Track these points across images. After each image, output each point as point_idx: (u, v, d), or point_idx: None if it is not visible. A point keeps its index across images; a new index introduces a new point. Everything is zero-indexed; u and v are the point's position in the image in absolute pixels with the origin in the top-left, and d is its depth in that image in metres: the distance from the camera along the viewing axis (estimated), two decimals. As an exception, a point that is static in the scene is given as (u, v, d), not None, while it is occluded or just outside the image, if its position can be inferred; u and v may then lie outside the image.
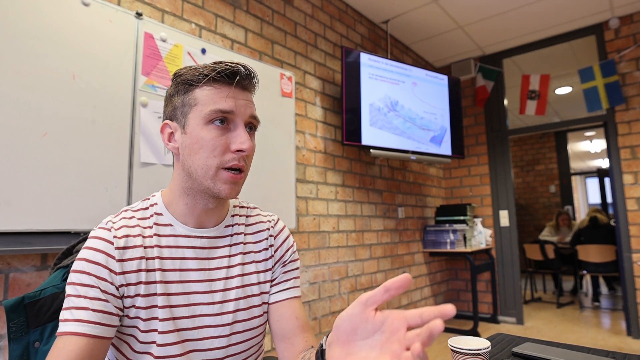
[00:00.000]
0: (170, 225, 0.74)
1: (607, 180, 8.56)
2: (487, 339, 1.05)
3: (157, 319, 0.68)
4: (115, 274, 0.66)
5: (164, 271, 0.71)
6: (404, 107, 3.13)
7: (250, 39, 2.31)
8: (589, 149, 8.39)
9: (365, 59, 2.90)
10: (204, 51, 1.96)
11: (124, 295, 0.67)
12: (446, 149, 3.44)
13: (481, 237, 3.83)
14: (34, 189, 1.34)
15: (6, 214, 1.27)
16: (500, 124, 4.07)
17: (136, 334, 0.69)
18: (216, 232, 0.78)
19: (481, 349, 0.75)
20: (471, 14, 3.31)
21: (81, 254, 0.66)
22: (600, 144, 7.91)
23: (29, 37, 1.37)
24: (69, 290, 0.64)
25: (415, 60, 4.01)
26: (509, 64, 4.16)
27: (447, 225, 3.70)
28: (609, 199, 8.31)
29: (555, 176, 7.23)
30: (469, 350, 0.75)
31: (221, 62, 0.71)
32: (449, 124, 3.48)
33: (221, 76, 0.70)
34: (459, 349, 0.76)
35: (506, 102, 4.12)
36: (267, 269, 0.82)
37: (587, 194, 9.92)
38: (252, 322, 0.78)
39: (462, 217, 3.72)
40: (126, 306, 0.68)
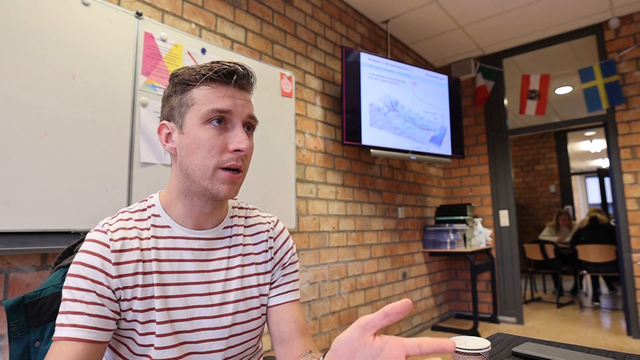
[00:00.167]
0: (168, 227, 0.73)
1: (607, 180, 8.56)
2: (487, 338, 1.05)
3: (154, 321, 0.68)
4: (111, 277, 0.65)
5: (162, 273, 0.70)
6: (404, 107, 3.13)
7: (250, 38, 2.31)
8: (589, 148, 8.39)
9: (365, 58, 2.90)
10: (204, 51, 1.96)
11: (121, 298, 0.67)
12: (446, 148, 3.44)
13: (481, 237, 3.83)
14: (34, 189, 1.34)
15: (6, 214, 1.27)
16: (500, 123, 4.07)
17: (134, 336, 0.68)
18: (215, 234, 0.77)
19: (481, 349, 0.75)
20: (471, 14, 3.31)
21: (77, 258, 0.66)
22: (600, 144, 7.91)
23: (29, 37, 1.36)
24: (65, 294, 0.64)
25: (415, 60, 4.00)
26: (509, 63, 4.16)
27: (447, 225, 3.70)
28: (609, 199, 8.31)
29: (555, 176, 7.23)
30: (469, 350, 0.75)
31: (219, 62, 0.70)
32: (449, 123, 3.48)
33: (218, 76, 0.69)
34: (459, 348, 0.76)
35: (506, 102, 4.12)
36: (267, 271, 0.82)
37: (587, 194, 9.92)
38: (251, 324, 0.77)
39: (462, 217, 3.71)
40: (123, 309, 0.67)
